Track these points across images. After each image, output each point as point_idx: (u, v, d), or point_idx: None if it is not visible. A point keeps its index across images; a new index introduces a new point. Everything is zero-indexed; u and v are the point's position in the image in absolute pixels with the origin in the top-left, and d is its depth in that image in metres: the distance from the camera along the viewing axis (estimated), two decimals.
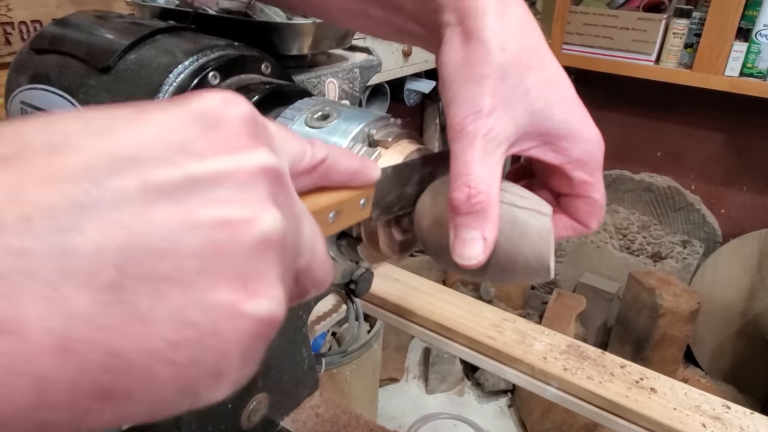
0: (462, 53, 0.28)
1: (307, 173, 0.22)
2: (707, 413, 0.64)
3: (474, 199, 0.26)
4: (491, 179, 0.27)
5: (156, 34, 0.37)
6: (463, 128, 0.27)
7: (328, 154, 0.23)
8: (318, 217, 0.23)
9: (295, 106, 0.34)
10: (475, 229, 0.27)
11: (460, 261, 0.27)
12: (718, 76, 1.59)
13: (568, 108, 0.29)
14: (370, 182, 0.25)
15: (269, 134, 0.19)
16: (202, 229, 0.15)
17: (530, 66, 0.28)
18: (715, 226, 1.87)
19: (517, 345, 0.73)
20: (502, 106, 0.27)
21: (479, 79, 0.27)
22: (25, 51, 0.41)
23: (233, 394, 0.48)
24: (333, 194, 0.24)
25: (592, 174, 0.30)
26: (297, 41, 0.42)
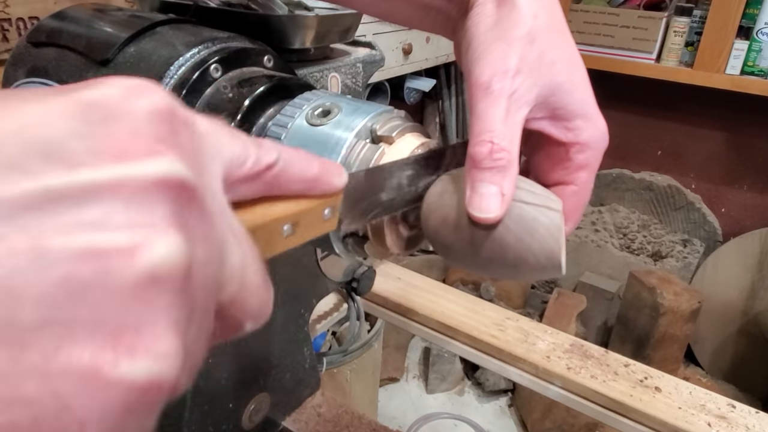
0: (495, 16, 0.28)
1: (250, 180, 0.18)
2: (712, 412, 0.63)
3: (496, 155, 0.26)
4: (513, 138, 0.27)
5: (156, 27, 0.37)
6: (489, 86, 0.27)
7: (279, 158, 0.19)
8: (268, 231, 0.20)
9: (296, 102, 0.34)
10: (495, 184, 0.26)
11: (477, 214, 0.26)
12: (719, 75, 1.59)
13: (586, 90, 0.29)
14: (331, 190, 0.22)
15: (191, 135, 0.15)
16: (55, 263, 0.11)
17: (557, 40, 0.28)
18: (716, 225, 1.87)
19: (519, 344, 0.72)
20: (528, 70, 0.27)
21: (509, 40, 0.27)
22: (23, 44, 0.40)
23: (234, 394, 0.47)
24: (288, 204, 0.20)
25: (591, 163, 0.30)
26: (299, 34, 0.42)
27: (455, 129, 1.92)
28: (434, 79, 1.66)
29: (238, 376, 0.46)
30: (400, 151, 0.30)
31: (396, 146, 0.30)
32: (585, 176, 0.30)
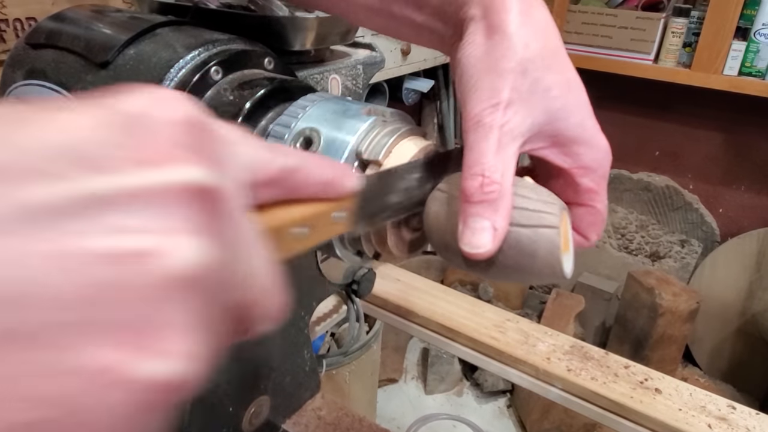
0: (485, 46, 0.27)
1: (270, 184, 0.19)
2: (713, 414, 0.63)
3: (487, 188, 0.26)
4: (505, 170, 0.26)
5: (156, 29, 0.37)
6: (480, 119, 0.26)
7: (296, 162, 0.20)
8: (285, 233, 0.21)
9: (297, 104, 0.33)
10: (486, 219, 0.26)
11: (468, 250, 0.26)
12: (716, 75, 1.59)
13: (584, 114, 0.29)
14: (345, 193, 0.23)
15: (215, 142, 0.16)
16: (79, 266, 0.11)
17: (550, 66, 0.28)
18: (714, 226, 1.87)
19: (519, 345, 0.72)
20: (520, 101, 0.27)
21: (500, 71, 0.27)
22: (21, 46, 0.40)
23: (235, 398, 0.47)
24: (302, 207, 0.21)
25: (599, 183, 0.30)
26: (300, 36, 0.41)
27: (453, 129, 1.92)
28: (432, 79, 1.66)
29: (239, 380, 0.45)
30: (399, 161, 0.30)
31: (391, 158, 0.30)
32: (595, 197, 0.30)
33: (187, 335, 0.13)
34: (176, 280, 0.13)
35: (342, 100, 0.33)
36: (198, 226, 0.13)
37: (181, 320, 0.13)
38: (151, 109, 0.14)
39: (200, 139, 0.15)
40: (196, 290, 0.13)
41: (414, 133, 0.32)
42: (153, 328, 0.12)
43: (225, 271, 0.14)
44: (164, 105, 0.14)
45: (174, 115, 0.14)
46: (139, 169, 0.13)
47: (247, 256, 0.16)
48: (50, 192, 0.12)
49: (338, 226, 0.24)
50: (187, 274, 0.13)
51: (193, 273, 0.13)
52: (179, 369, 0.13)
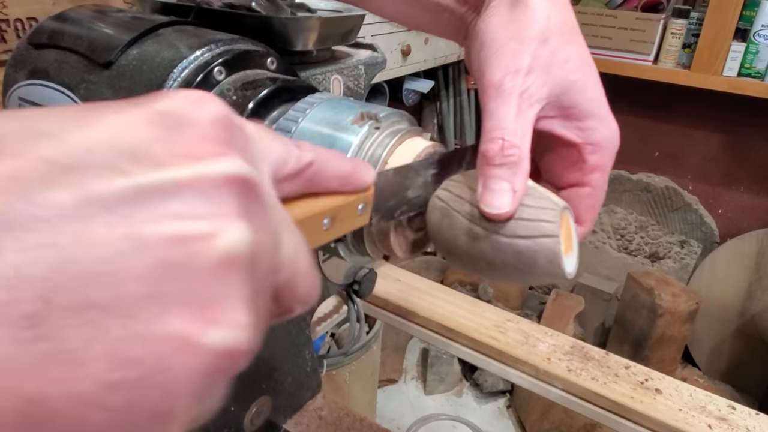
0: (508, 16, 0.28)
1: (292, 178, 0.20)
2: (713, 414, 0.63)
3: (507, 151, 0.26)
4: (524, 135, 0.27)
5: (158, 29, 0.37)
6: (501, 85, 0.27)
7: (316, 157, 0.21)
8: (309, 225, 0.22)
9: (300, 105, 0.33)
10: (506, 181, 0.26)
11: (488, 210, 0.26)
12: (716, 76, 1.59)
13: (598, 90, 0.29)
14: (363, 186, 0.24)
15: (245, 138, 0.17)
16: (151, 247, 0.13)
17: (569, 41, 0.28)
18: (713, 227, 1.87)
19: (520, 346, 0.72)
20: (540, 69, 0.27)
21: (522, 39, 0.27)
22: (23, 46, 0.40)
23: (236, 398, 0.47)
24: (325, 200, 0.22)
25: (606, 163, 0.30)
26: (302, 37, 0.41)
27: (453, 130, 1.93)
28: (432, 80, 1.67)
29: (240, 380, 0.45)
30: (408, 153, 0.30)
31: (404, 148, 0.30)
32: (599, 177, 0.30)
33: (242, 308, 0.14)
34: (229, 258, 0.14)
35: (340, 103, 0.33)
36: (241, 211, 0.15)
37: (236, 295, 0.14)
38: (188, 109, 0.15)
39: (233, 135, 0.16)
40: (246, 269, 0.15)
41: (411, 135, 0.32)
42: (215, 302, 0.14)
43: (267, 253, 0.16)
44: (199, 105, 0.16)
45: (209, 113, 0.15)
46: (185, 163, 0.14)
47: (283, 240, 0.17)
48: (117, 185, 0.13)
49: (358, 219, 0.25)
50: (237, 254, 0.14)
51: (242, 252, 0.14)
52: (239, 338, 0.14)
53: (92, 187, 0.13)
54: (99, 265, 0.12)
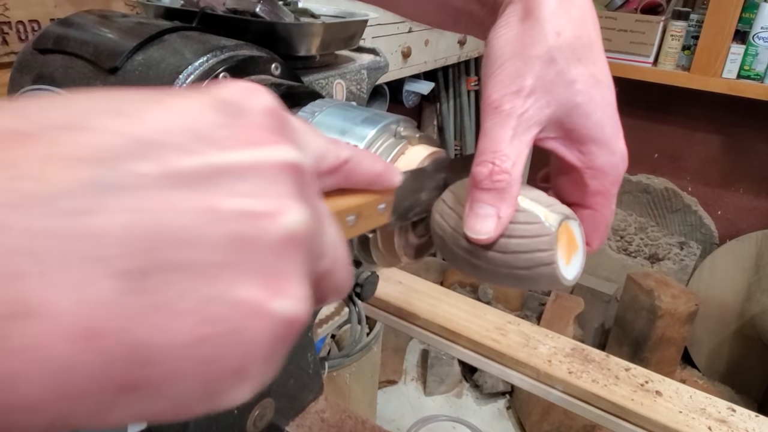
0: (517, 29, 0.27)
1: (329, 173, 0.21)
2: (713, 416, 0.64)
3: (496, 176, 0.26)
4: (517, 160, 0.27)
5: (163, 34, 0.37)
6: (499, 105, 0.27)
7: (352, 155, 0.22)
8: (337, 220, 0.22)
9: (305, 111, 0.34)
10: (491, 206, 0.26)
11: (471, 235, 0.26)
12: (715, 78, 1.60)
13: (606, 113, 0.28)
14: (392, 186, 0.25)
15: (293, 129, 0.18)
16: (226, 220, 0.14)
17: (581, 58, 0.27)
18: (712, 228, 1.88)
19: (521, 348, 0.72)
20: (542, 90, 0.27)
21: (527, 57, 0.27)
22: (29, 51, 0.40)
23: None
24: (354, 197, 0.23)
25: (609, 188, 0.29)
26: (305, 42, 0.42)
27: (453, 132, 1.93)
28: (432, 82, 1.67)
29: None
30: (418, 156, 0.30)
31: (414, 151, 0.31)
32: (601, 201, 0.29)
33: (301, 282, 0.15)
34: (291, 236, 0.15)
35: (345, 109, 0.33)
36: (299, 195, 0.16)
37: (296, 270, 0.15)
38: (242, 98, 0.16)
39: (283, 125, 0.17)
40: (302, 248, 0.16)
41: (417, 141, 0.32)
42: (279, 274, 0.15)
43: (316, 237, 0.17)
44: (253, 95, 0.16)
45: (262, 103, 0.16)
46: (247, 147, 0.15)
47: (326, 229, 0.18)
48: (193, 162, 0.14)
49: (380, 218, 0.26)
50: (296, 232, 0.15)
51: (300, 231, 0.15)
52: (300, 308, 0.15)
53: (172, 162, 0.14)
54: (184, 231, 0.14)
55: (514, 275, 0.27)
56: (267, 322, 0.15)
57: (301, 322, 0.15)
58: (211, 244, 0.14)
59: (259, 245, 0.15)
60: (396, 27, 1.30)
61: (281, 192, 0.15)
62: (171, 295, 0.13)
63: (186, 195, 0.14)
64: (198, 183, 0.14)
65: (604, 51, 0.28)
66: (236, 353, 0.14)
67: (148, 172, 0.14)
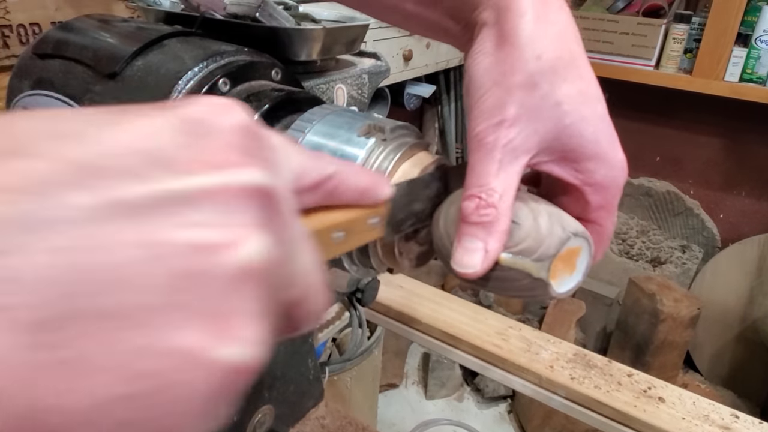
0: (494, 57, 0.26)
1: (312, 190, 0.20)
2: (716, 423, 0.63)
3: (482, 211, 0.26)
4: (504, 193, 0.26)
5: (163, 39, 0.37)
6: (482, 138, 0.26)
7: (336, 170, 0.21)
8: (323, 237, 0.21)
9: (306, 117, 0.33)
10: (479, 240, 0.26)
11: (457, 269, 0.26)
12: (717, 82, 1.59)
13: (599, 127, 0.27)
14: (381, 200, 0.24)
15: (268, 148, 0.16)
16: (170, 255, 0.13)
17: (565, 77, 0.26)
18: (714, 231, 1.87)
19: (522, 353, 0.72)
20: (527, 118, 0.26)
21: (507, 86, 0.26)
22: (28, 55, 0.40)
23: (239, 407, 0.47)
24: (341, 213, 0.22)
25: (610, 201, 0.28)
26: (306, 47, 0.41)
27: (454, 134, 1.93)
28: (434, 85, 1.67)
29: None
30: (413, 169, 0.30)
31: (409, 163, 0.30)
32: (604, 215, 0.29)
33: (255, 323, 0.14)
34: (246, 270, 0.14)
35: (346, 115, 0.33)
36: (261, 223, 0.14)
37: (250, 309, 0.14)
38: (211, 116, 0.15)
39: (254, 144, 0.16)
40: (262, 282, 0.14)
41: (417, 149, 0.31)
42: (229, 315, 0.13)
43: (282, 267, 0.15)
44: (223, 112, 0.15)
45: (231, 121, 0.15)
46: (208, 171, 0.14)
47: (298, 254, 0.17)
48: (140, 190, 0.13)
49: (372, 232, 0.25)
50: (255, 266, 0.14)
51: (259, 265, 0.14)
52: (249, 354, 0.14)
53: (115, 191, 0.13)
54: (117, 270, 0.12)
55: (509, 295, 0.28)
56: (209, 372, 0.13)
57: (251, 369, 0.14)
58: (147, 285, 0.12)
59: (207, 282, 0.13)
60: (397, 30, 1.30)
61: (241, 220, 0.14)
62: (89, 348, 0.12)
63: (125, 228, 0.12)
64: (143, 213, 0.13)
65: (588, 64, 0.27)
66: (167, 412, 0.13)
67: (83, 203, 0.12)
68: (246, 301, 0.14)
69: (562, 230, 0.26)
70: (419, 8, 0.32)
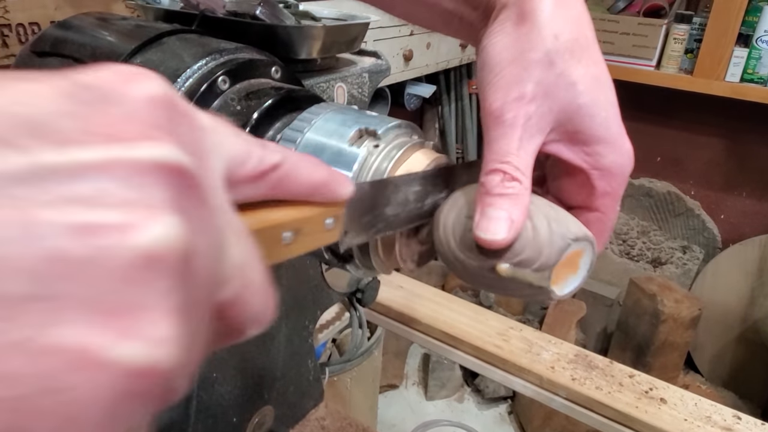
0: (513, 35, 0.27)
1: (252, 180, 0.18)
2: (718, 424, 0.63)
3: (508, 184, 0.25)
4: (526, 169, 0.26)
5: (162, 37, 0.36)
6: (501, 114, 0.26)
7: (284, 160, 0.19)
8: (266, 236, 0.19)
9: (305, 116, 0.33)
10: (504, 210, 0.25)
11: (483, 236, 0.25)
12: (718, 82, 1.59)
13: (610, 112, 0.27)
14: (337, 198, 0.21)
15: (191, 126, 0.15)
16: (44, 236, 0.11)
17: (580, 59, 0.26)
18: (715, 232, 1.87)
19: (524, 354, 0.72)
20: (544, 95, 0.26)
21: (526, 63, 0.26)
22: (26, 54, 0.40)
23: (238, 408, 0.46)
24: (290, 210, 0.20)
25: (616, 189, 0.28)
26: (306, 45, 0.41)
27: (455, 134, 1.92)
28: (434, 85, 1.66)
29: (242, 390, 0.45)
30: (417, 163, 0.30)
31: (412, 158, 0.30)
32: (609, 202, 0.28)
33: (166, 319, 0.12)
34: (152, 257, 0.12)
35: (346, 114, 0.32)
36: (172, 205, 0.13)
37: (159, 303, 0.12)
38: (118, 84, 0.13)
39: (171, 119, 0.14)
40: (176, 272, 0.12)
41: (418, 147, 0.31)
42: (130, 309, 0.12)
43: (205, 258, 0.14)
44: (133, 81, 0.14)
45: (142, 91, 0.13)
46: (104, 143, 0.12)
47: (230, 248, 0.15)
48: (8, 161, 0.11)
49: (328, 234, 0.22)
50: (164, 252, 0.12)
51: (170, 251, 0.12)
52: (159, 355, 0.12)
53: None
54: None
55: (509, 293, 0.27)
56: (105, 374, 0.11)
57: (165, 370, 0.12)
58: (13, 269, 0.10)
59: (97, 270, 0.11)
60: (398, 30, 1.30)
61: (144, 199, 0.12)
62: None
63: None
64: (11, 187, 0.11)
65: (600, 52, 0.28)
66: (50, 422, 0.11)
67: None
68: (154, 293, 0.12)
69: (561, 238, 0.26)
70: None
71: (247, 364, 0.45)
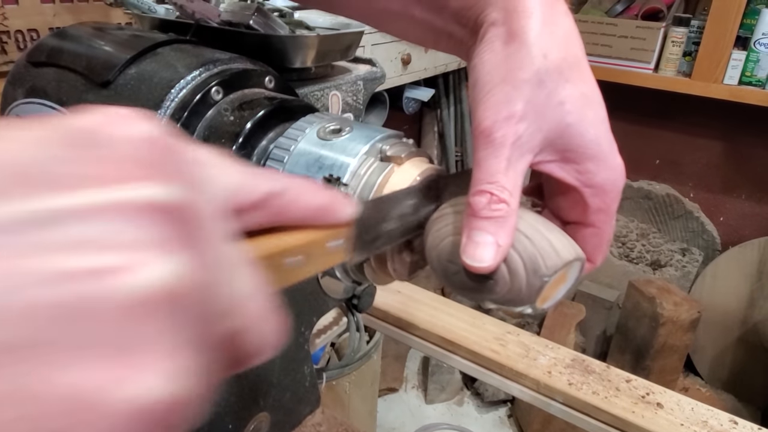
0: (502, 54, 0.27)
1: (255, 209, 0.18)
2: (715, 428, 0.63)
3: (494, 206, 0.25)
4: (514, 188, 0.26)
5: (157, 47, 0.37)
6: (491, 134, 0.26)
7: (285, 187, 0.19)
8: (272, 263, 0.19)
9: (298, 125, 0.33)
10: (490, 234, 0.25)
11: (469, 262, 0.25)
12: (716, 85, 1.59)
13: (600, 129, 0.27)
14: (340, 220, 0.21)
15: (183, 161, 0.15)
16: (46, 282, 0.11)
17: (569, 78, 0.27)
18: (714, 234, 1.87)
19: (520, 359, 0.72)
20: (533, 114, 0.26)
21: (516, 82, 0.26)
22: (22, 63, 0.40)
23: (234, 415, 0.47)
24: (295, 235, 0.20)
25: (609, 205, 0.28)
26: (301, 54, 0.41)
27: (453, 138, 1.93)
28: (433, 88, 1.67)
29: (238, 397, 0.45)
30: (411, 172, 0.30)
31: (406, 167, 0.30)
32: (603, 218, 0.28)
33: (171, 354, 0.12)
34: (150, 298, 0.12)
35: (308, 154, 0.32)
36: (170, 243, 0.13)
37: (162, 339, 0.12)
38: (106, 126, 0.13)
39: (163, 157, 0.14)
40: (176, 309, 0.12)
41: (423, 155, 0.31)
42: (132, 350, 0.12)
43: (207, 293, 0.14)
44: (125, 123, 0.14)
45: (132, 132, 0.14)
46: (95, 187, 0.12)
47: (232, 280, 0.15)
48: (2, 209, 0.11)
49: (335, 256, 0.23)
50: (159, 292, 0.12)
51: (168, 290, 0.12)
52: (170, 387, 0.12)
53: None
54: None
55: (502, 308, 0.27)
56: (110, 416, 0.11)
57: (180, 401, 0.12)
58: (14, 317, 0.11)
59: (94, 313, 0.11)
60: None
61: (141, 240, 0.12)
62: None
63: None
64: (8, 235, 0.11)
65: (590, 69, 0.28)
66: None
67: None
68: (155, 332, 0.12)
69: (539, 278, 0.25)
70: (426, 14, 0.32)
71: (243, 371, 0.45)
